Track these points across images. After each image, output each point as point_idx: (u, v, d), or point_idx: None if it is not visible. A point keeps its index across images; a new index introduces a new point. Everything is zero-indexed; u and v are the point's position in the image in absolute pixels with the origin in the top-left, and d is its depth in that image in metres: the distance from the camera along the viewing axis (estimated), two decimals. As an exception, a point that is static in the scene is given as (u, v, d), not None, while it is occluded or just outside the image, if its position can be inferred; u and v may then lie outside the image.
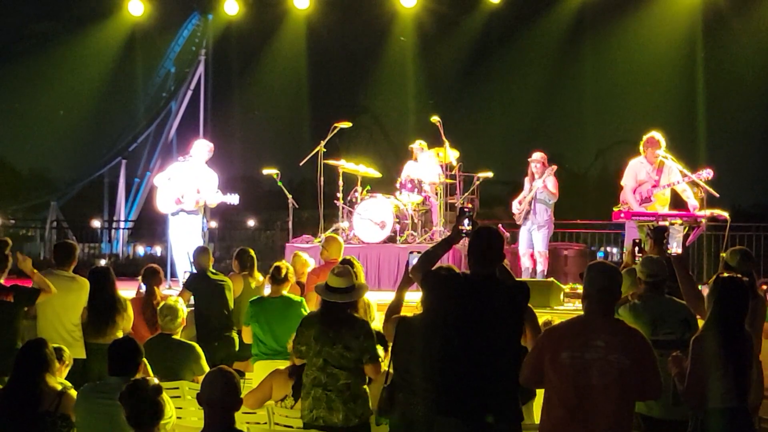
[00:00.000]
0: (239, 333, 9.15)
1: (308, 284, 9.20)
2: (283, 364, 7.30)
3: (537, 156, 12.39)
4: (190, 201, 11.85)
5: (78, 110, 39.80)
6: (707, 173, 10.83)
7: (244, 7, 18.51)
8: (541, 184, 12.23)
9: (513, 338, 5.20)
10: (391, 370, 5.98)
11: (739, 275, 5.65)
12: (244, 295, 9.37)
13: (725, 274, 5.67)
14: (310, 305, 8.25)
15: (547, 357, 4.98)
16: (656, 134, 11.23)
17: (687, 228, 10.84)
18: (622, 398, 4.88)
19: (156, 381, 5.01)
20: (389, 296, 6.60)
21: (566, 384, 4.92)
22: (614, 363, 4.84)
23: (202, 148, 12.16)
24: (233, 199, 12.03)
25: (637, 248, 7.85)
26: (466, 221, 5.69)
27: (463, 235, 5.71)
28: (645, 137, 11.21)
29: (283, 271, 8.39)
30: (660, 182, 11.10)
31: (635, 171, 11.30)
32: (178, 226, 11.99)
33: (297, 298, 8.43)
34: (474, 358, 5.15)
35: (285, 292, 8.39)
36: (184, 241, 11.82)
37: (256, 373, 7.93)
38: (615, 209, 11.15)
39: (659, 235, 7.63)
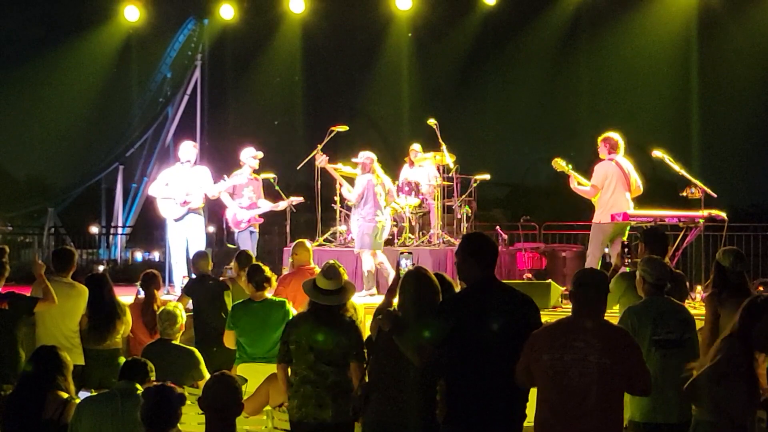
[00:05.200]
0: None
1: (278, 292, 9.15)
2: (263, 368, 7.31)
3: (361, 157, 12.42)
4: (197, 199, 11.91)
5: (74, 116, 39.76)
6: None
7: (240, 12, 18.54)
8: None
9: (516, 347, 5.11)
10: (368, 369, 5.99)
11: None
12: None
13: (761, 291, 5.61)
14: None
15: (532, 359, 5.02)
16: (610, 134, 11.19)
17: (685, 228, 10.85)
18: (605, 398, 4.89)
19: (181, 391, 5.02)
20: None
21: (549, 385, 4.97)
22: (594, 364, 4.86)
23: (190, 149, 12.26)
24: (241, 179, 12.16)
25: (626, 250, 7.85)
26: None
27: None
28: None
29: (266, 274, 8.37)
30: None
31: None
32: (183, 229, 12.01)
33: (278, 299, 8.40)
34: (478, 368, 5.15)
35: (268, 295, 8.37)
36: (190, 243, 11.87)
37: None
38: None
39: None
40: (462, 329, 5.20)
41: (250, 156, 12.71)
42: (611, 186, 10.82)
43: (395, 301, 6.09)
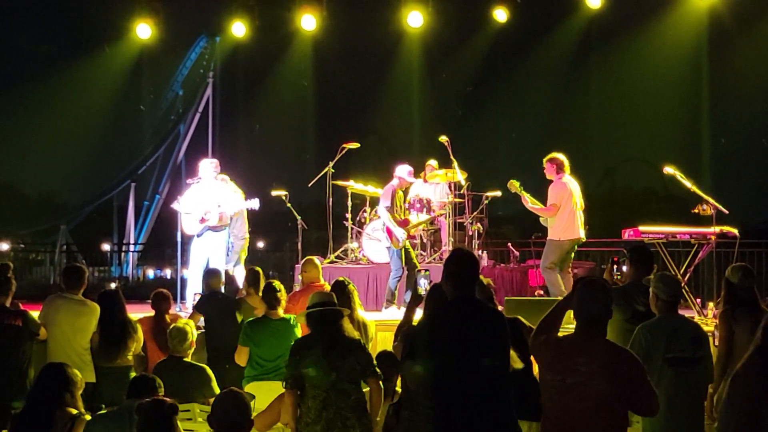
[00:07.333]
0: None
1: (287, 309, 9.08)
2: (273, 385, 7.27)
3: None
4: (214, 216, 11.89)
5: (86, 133, 39.90)
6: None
7: (252, 29, 18.52)
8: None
9: (496, 361, 5.02)
10: (399, 388, 5.97)
11: None
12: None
13: None
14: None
15: (540, 366, 5.06)
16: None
17: (696, 245, 10.82)
18: (607, 420, 4.83)
19: (172, 401, 5.02)
20: (398, 316, 6.60)
21: (550, 404, 4.95)
22: (595, 388, 4.80)
23: (207, 166, 12.24)
24: (254, 203, 12.04)
25: (615, 266, 7.82)
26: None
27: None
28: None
29: (279, 294, 8.35)
30: None
31: None
32: (203, 245, 12.00)
33: (288, 315, 8.33)
34: (458, 383, 5.02)
35: (281, 312, 8.32)
36: (210, 260, 11.83)
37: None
38: None
39: (636, 255, 7.51)
40: (435, 351, 5.13)
41: (406, 172, 12.17)
42: (568, 204, 11.19)
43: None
